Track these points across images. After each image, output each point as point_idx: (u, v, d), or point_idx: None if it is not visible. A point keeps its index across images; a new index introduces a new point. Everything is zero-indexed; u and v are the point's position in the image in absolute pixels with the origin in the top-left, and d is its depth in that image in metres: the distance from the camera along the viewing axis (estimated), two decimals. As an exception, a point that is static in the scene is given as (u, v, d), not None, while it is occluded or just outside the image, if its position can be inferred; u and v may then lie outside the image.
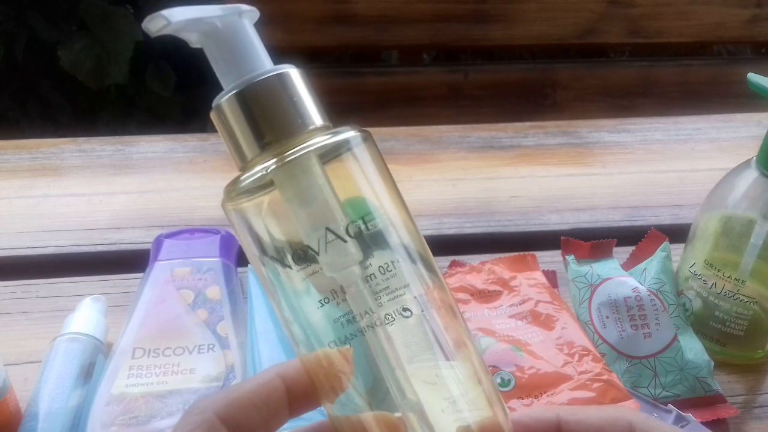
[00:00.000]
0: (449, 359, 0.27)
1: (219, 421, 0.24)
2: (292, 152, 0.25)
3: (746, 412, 0.51)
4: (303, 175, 0.25)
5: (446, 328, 0.27)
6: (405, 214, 0.27)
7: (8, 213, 0.68)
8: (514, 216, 0.70)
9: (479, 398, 0.26)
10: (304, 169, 0.25)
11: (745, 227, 0.51)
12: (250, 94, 0.26)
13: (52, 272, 0.60)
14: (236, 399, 0.25)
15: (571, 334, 0.52)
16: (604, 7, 1.17)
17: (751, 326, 0.53)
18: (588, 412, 0.25)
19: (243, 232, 0.26)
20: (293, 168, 0.25)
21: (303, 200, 0.25)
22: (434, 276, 0.27)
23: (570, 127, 0.85)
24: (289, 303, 0.26)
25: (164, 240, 0.59)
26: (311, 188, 0.25)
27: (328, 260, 0.25)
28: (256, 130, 0.26)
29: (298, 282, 0.26)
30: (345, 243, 0.25)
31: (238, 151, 0.26)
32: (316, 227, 0.25)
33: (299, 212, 0.25)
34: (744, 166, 0.52)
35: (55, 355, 0.48)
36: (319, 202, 0.25)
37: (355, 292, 0.26)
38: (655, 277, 0.55)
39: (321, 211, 0.25)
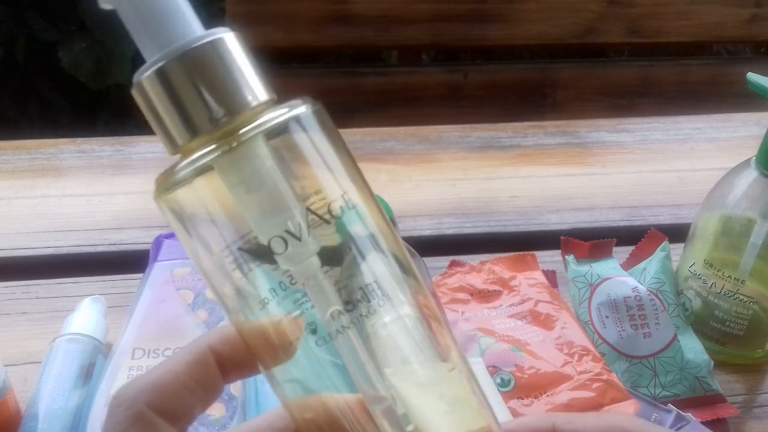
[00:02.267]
0: (430, 361, 0.25)
1: (152, 412, 0.23)
2: (235, 135, 0.22)
3: (746, 411, 0.51)
4: (249, 160, 0.22)
5: (420, 327, 0.25)
6: (369, 199, 0.24)
7: (8, 213, 0.67)
8: (514, 216, 0.70)
9: (469, 404, 0.25)
10: (251, 153, 0.22)
11: (744, 227, 0.51)
12: (179, 68, 0.22)
13: (52, 273, 0.60)
14: (168, 386, 0.23)
15: (571, 334, 0.52)
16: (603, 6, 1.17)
17: (750, 326, 0.53)
18: (584, 420, 0.25)
19: (192, 225, 0.23)
20: (238, 153, 0.22)
21: (250, 188, 0.22)
22: (406, 272, 0.25)
23: (569, 126, 0.85)
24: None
25: (164, 240, 0.59)
26: (260, 174, 0.22)
27: (277, 249, 0.23)
28: (188, 110, 0.22)
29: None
30: (303, 233, 0.23)
31: (167, 136, 0.23)
32: (267, 217, 0.22)
33: (246, 201, 0.22)
34: (743, 166, 0.52)
35: (55, 355, 0.48)
36: (269, 188, 0.22)
37: (315, 286, 0.23)
38: (654, 276, 0.55)
39: (272, 198, 0.22)
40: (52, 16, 1.45)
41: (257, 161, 0.22)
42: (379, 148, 0.79)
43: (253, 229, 0.23)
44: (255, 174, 0.22)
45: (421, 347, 0.25)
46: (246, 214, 0.23)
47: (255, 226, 0.23)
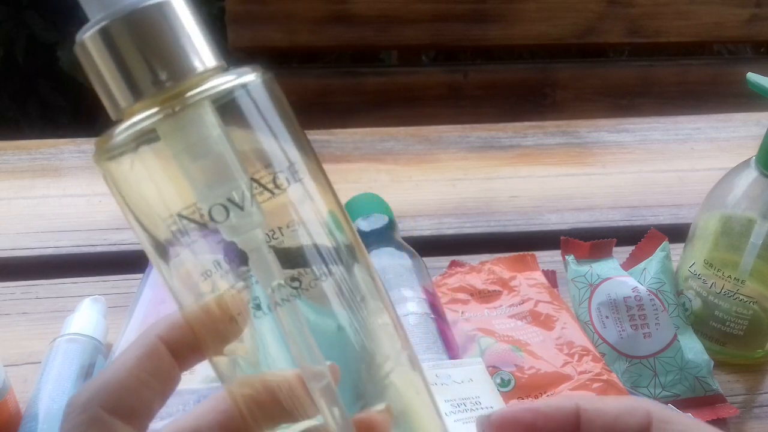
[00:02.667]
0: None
1: (107, 413, 0.22)
2: (180, 99, 0.21)
3: (746, 411, 0.51)
4: (194, 126, 0.21)
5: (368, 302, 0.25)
6: (317, 172, 0.24)
7: (8, 214, 0.67)
8: (514, 216, 0.70)
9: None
10: (195, 118, 0.21)
11: (744, 227, 0.51)
12: (123, 28, 0.21)
13: (52, 273, 0.60)
14: (121, 383, 0.23)
15: (571, 334, 0.52)
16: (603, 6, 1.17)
17: (750, 326, 0.53)
18: (606, 401, 0.25)
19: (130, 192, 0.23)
20: (182, 118, 0.21)
21: (194, 155, 0.22)
22: (351, 251, 0.24)
23: (569, 126, 0.85)
24: None
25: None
26: (205, 141, 0.22)
27: (220, 219, 0.22)
28: (131, 72, 0.21)
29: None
30: (246, 203, 0.22)
31: (109, 99, 0.22)
32: (211, 185, 0.22)
33: (191, 169, 0.22)
34: (743, 166, 0.52)
35: (54, 355, 0.48)
36: (213, 156, 0.22)
37: (259, 259, 0.22)
38: (654, 276, 0.55)
39: (216, 166, 0.22)
40: (52, 16, 1.45)
41: (202, 127, 0.22)
42: (379, 148, 0.79)
43: (195, 197, 0.22)
44: (200, 140, 0.22)
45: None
46: (189, 182, 0.22)
47: (198, 195, 0.22)
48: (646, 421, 0.23)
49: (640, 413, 0.24)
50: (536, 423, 0.24)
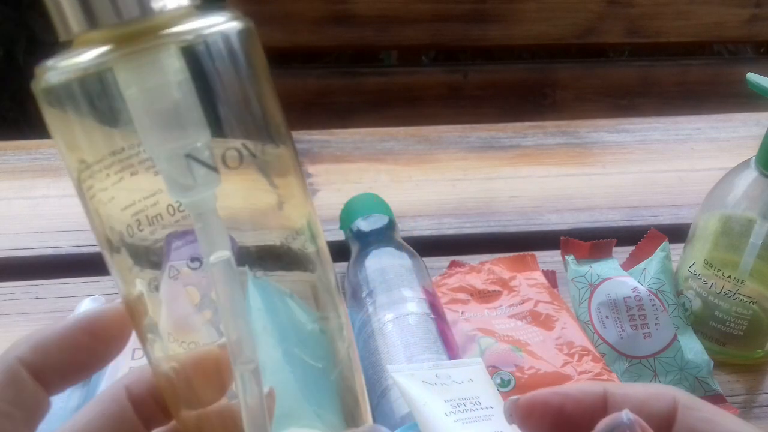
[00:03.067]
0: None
1: (19, 363, 0.22)
2: (145, 39, 0.19)
3: (746, 412, 0.51)
4: (154, 70, 0.19)
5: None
6: (286, 142, 0.22)
7: (7, 214, 0.67)
8: (514, 216, 0.70)
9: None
10: (157, 62, 0.19)
11: (744, 227, 0.51)
12: None
13: (52, 273, 0.60)
14: (39, 340, 0.23)
15: (571, 334, 0.52)
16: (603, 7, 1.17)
17: (750, 326, 0.53)
18: (633, 386, 0.25)
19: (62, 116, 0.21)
20: (142, 59, 0.19)
21: (150, 101, 0.19)
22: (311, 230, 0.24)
23: (569, 127, 0.85)
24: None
25: (173, 240, 0.59)
26: (166, 87, 0.19)
27: (173, 175, 0.20)
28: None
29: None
30: (198, 149, 0.20)
31: (61, 17, 0.20)
32: (163, 138, 0.20)
33: (142, 114, 0.20)
34: (743, 166, 0.52)
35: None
36: (172, 105, 0.20)
37: (206, 226, 0.21)
38: (654, 277, 0.55)
39: (173, 116, 0.20)
40: (52, 17, 1.45)
41: (162, 72, 0.19)
42: (379, 148, 0.79)
43: (146, 146, 0.20)
44: (160, 86, 0.19)
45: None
46: (141, 129, 0.20)
47: (149, 142, 0.20)
48: (672, 406, 0.24)
49: (667, 399, 0.24)
50: (564, 406, 0.25)
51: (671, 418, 0.24)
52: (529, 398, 0.25)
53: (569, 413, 0.25)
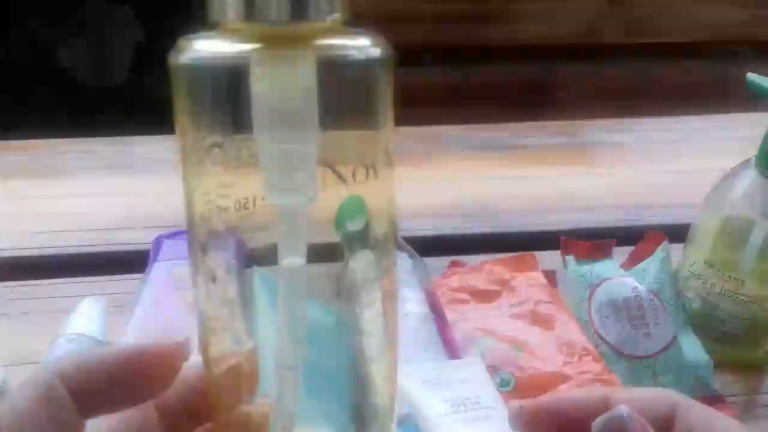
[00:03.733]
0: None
1: (57, 377, 0.22)
2: (291, 44, 0.20)
3: (746, 412, 0.51)
4: (290, 73, 0.20)
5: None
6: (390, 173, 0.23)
7: (8, 213, 0.67)
8: (514, 216, 0.70)
9: None
10: (296, 66, 0.20)
11: (744, 227, 0.51)
12: None
13: (52, 273, 0.60)
14: (83, 360, 0.22)
15: (571, 335, 0.52)
16: (604, 7, 1.17)
17: (750, 326, 0.53)
18: (634, 391, 0.26)
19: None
20: (285, 60, 0.20)
21: (278, 99, 0.20)
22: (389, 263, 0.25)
23: (569, 127, 0.85)
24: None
25: (164, 240, 0.59)
26: (293, 91, 0.20)
27: (275, 174, 0.21)
28: None
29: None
30: (306, 152, 0.21)
31: (221, 2, 0.20)
32: (278, 137, 0.20)
33: (266, 109, 0.20)
34: (743, 166, 0.52)
35: (54, 355, 0.48)
36: (296, 109, 0.20)
37: (291, 231, 0.21)
38: (654, 277, 0.55)
39: (294, 119, 0.20)
40: (52, 16, 1.45)
41: (300, 78, 0.20)
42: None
43: (258, 140, 0.21)
44: (292, 89, 0.20)
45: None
46: (258, 123, 0.21)
47: (262, 137, 0.21)
48: (672, 408, 0.25)
49: (667, 402, 0.25)
50: (567, 412, 0.26)
51: (671, 420, 0.25)
52: (533, 405, 0.26)
53: (572, 418, 0.25)
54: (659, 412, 0.25)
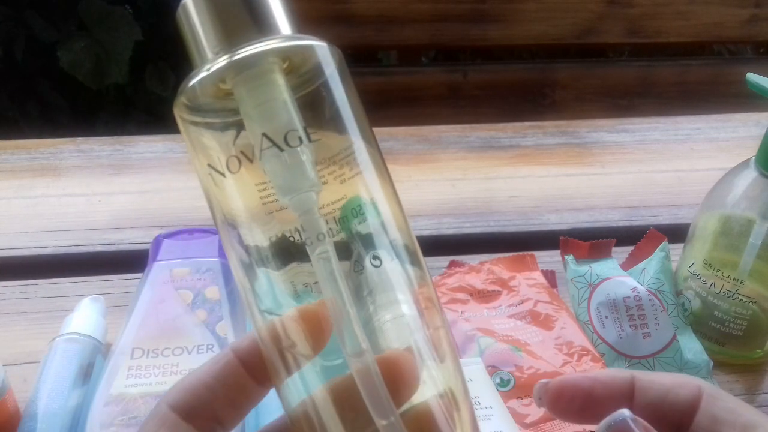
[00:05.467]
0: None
1: (170, 410, 0.23)
2: (247, 49, 0.23)
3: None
4: (260, 77, 0.23)
5: (428, 324, 0.26)
6: (377, 159, 0.26)
7: (7, 213, 0.67)
8: (513, 216, 0.70)
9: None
10: (262, 71, 0.23)
11: (744, 227, 0.51)
12: None
13: (51, 272, 0.60)
14: (187, 385, 0.24)
15: (570, 334, 0.52)
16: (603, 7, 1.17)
17: (750, 326, 0.53)
18: (660, 374, 0.26)
19: (192, 142, 0.25)
20: (247, 65, 0.23)
21: (258, 103, 0.23)
22: (419, 269, 0.26)
23: (569, 127, 0.85)
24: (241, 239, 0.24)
25: (163, 240, 0.59)
26: (268, 91, 0.23)
27: (270, 174, 0.23)
28: (216, 30, 0.24)
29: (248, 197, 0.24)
30: (282, 152, 0.23)
31: (199, 53, 0.24)
32: (254, 131, 0.23)
33: (253, 118, 0.23)
34: (743, 166, 0.52)
35: (53, 355, 0.48)
36: (276, 106, 0.23)
37: (310, 220, 0.23)
38: (654, 277, 0.55)
39: (276, 115, 0.23)
40: (52, 16, 1.45)
41: (265, 77, 0.23)
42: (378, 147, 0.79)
43: (250, 138, 0.23)
44: (260, 86, 0.23)
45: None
46: (247, 126, 0.23)
47: (251, 136, 0.23)
48: (697, 395, 0.24)
49: (692, 387, 0.25)
50: (594, 389, 0.25)
51: (695, 405, 0.24)
52: (559, 381, 0.26)
53: (597, 397, 0.25)
54: (684, 396, 0.24)
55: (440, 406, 0.24)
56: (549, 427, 0.46)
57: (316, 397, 0.23)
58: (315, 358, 0.24)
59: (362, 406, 0.23)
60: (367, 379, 0.23)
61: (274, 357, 0.24)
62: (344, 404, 0.23)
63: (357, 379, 0.23)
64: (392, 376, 0.23)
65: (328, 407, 0.23)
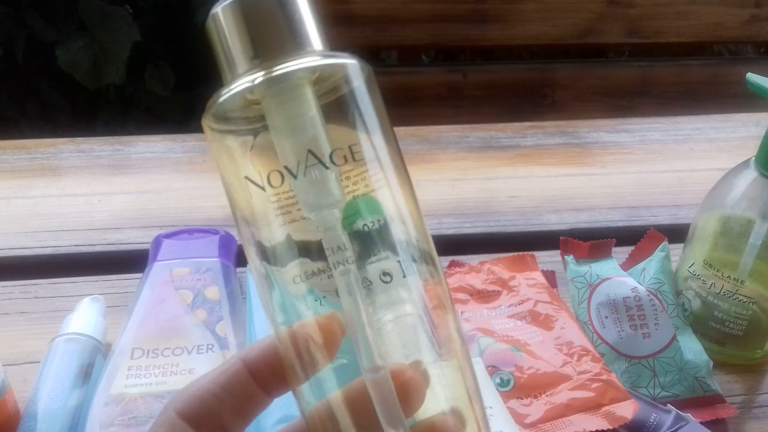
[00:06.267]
0: (436, 349, 0.26)
1: (179, 417, 0.24)
2: (282, 67, 0.23)
3: (745, 412, 0.51)
4: (291, 91, 0.24)
5: (438, 325, 0.27)
6: (402, 174, 0.26)
7: (7, 213, 0.67)
8: (513, 216, 0.70)
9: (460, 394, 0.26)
10: (293, 85, 0.24)
11: (744, 227, 0.51)
12: (253, 4, 0.24)
13: (51, 272, 0.60)
14: (195, 392, 0.24)
15: (570, 334, 0.52)
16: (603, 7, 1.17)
17: (750, 326, 0.53)
18: None
19: (219, 152, 0.25)
20: (281, 81, 0.23)
21: (288, 118, 0.24)
22: (434, 270, 0.27)
23: (569, 127, 0.85)
24: (262, 247, 0.25)
25: (163, 240, 0.59)
26: (298, 106, 0.24)
27: (305, 189, 0.23)
28: (249, 43, 0.24)
29: (272, 214, 0.24)
30: (326, 170, 0.24)
31: (229, 64, 0.24)
32: (296, 149, 0.24)
33: (281, 131, 0.24)
34: (743, 166, 0.52)
35: (53, 355, 0.48)
36: (304, 122, 0.24)
37: (333, 236, 0.24)
38: (654, 277, 0.55)
39: (304, 131, 0.24)
40: (51, 16, 1.45)
41: (298, 94, 0.24)
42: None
43: (280, 160, 0.24)
44: (294, 106, 0.24)
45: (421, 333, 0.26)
46: (277, 145, 0.24)
47: (282, 157, 0.24)
48: None
49: None
50: None
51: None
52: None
53: None
54: None
55: (449, 420, 0.25)
56: (549, 427, 0.46)
57: (333, 403, 0.24)
58: (327, 366, 0.24)
59: (375, 415, 0.24)
60: (380, 393, 0.23)
61: (290, 364, 0.24)
62: (358, 412, 0.24)
63: (371, 392, 0.23)
64: (401, 391, 0.24)
65: (343, 414, 0.24)
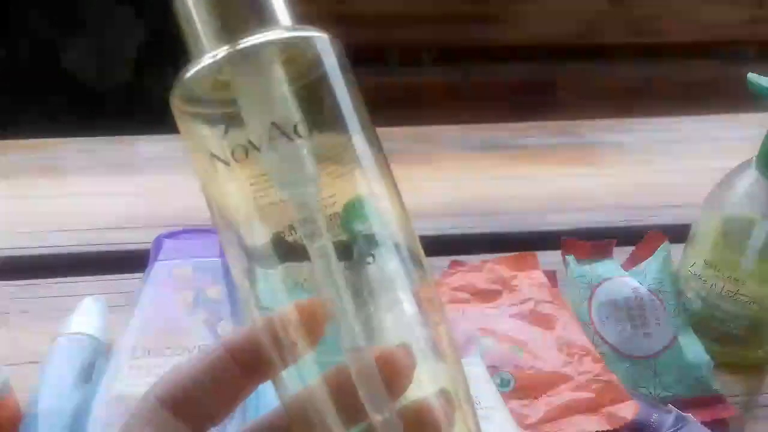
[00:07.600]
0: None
1: (159, 403, 0.23)
2: (248, 40, 0.23)
3: (746, 412, 0.51)
4: (256, 64, 0.23)
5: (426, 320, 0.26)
6: (382, 161, 0.26)
7: (8, 213, 0.67)
8: (514, 216, 0.70)
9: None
10: (259, 58, 0.23)
11: (745, 227, 0.51)
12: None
13: (52, 272, 0.60)
14: (176, 378, 0.24)
15: (571, 335, 0.52)
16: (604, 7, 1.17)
17: (750, 326, 0.53)
18: None
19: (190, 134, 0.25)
20: (246, 54, 0.23)
21: (252, 91, 0.23)
22: (420, 269, 0.26)
23: (570, 127, 0.85)
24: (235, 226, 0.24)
25: (164, 240, 0.59)
26: (265, 80, 0.23)
27: (274, 164, 0.23)
28: (215, 19, 0.23)
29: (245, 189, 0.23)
30: (292, 142, 0.23)
31: (195, 42, 0.24)
32: (260, 121, 0.23)
33: (246, 105, 0.23)
34: (744, 166, 0.52)
35: (55, 355, 0.48)
36: (269, 94, 0.23)
37: (306, 213, 0.23)
38: (655, 277, 0.55)
39: (269, 103, 0.23)
40: (54, 16, 1.45)
41: (262, 65, 0.23)
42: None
43: (247, 133, 0.23)
44: (259, 78, 0.23)
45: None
46: (245, 119, 0.23)
47: (249, 130, 0.23)
48: None
49: None
50: None
51: None
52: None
53: None
54: None
55: (438, 402, 0.24)
56: (549, 427, 0.46)
57: (313, 387, 0.23)
58: (310, 352, 0.24)
59: (358, 399, 0.23)
60: (363, 374, 0.23)
61: (270, 351, 0.24)
62: (340, 396, 0.23)
63: (354, 373, 0.23)
64: (386, 370, 0.23)
65: (324, 399, 0.23)
